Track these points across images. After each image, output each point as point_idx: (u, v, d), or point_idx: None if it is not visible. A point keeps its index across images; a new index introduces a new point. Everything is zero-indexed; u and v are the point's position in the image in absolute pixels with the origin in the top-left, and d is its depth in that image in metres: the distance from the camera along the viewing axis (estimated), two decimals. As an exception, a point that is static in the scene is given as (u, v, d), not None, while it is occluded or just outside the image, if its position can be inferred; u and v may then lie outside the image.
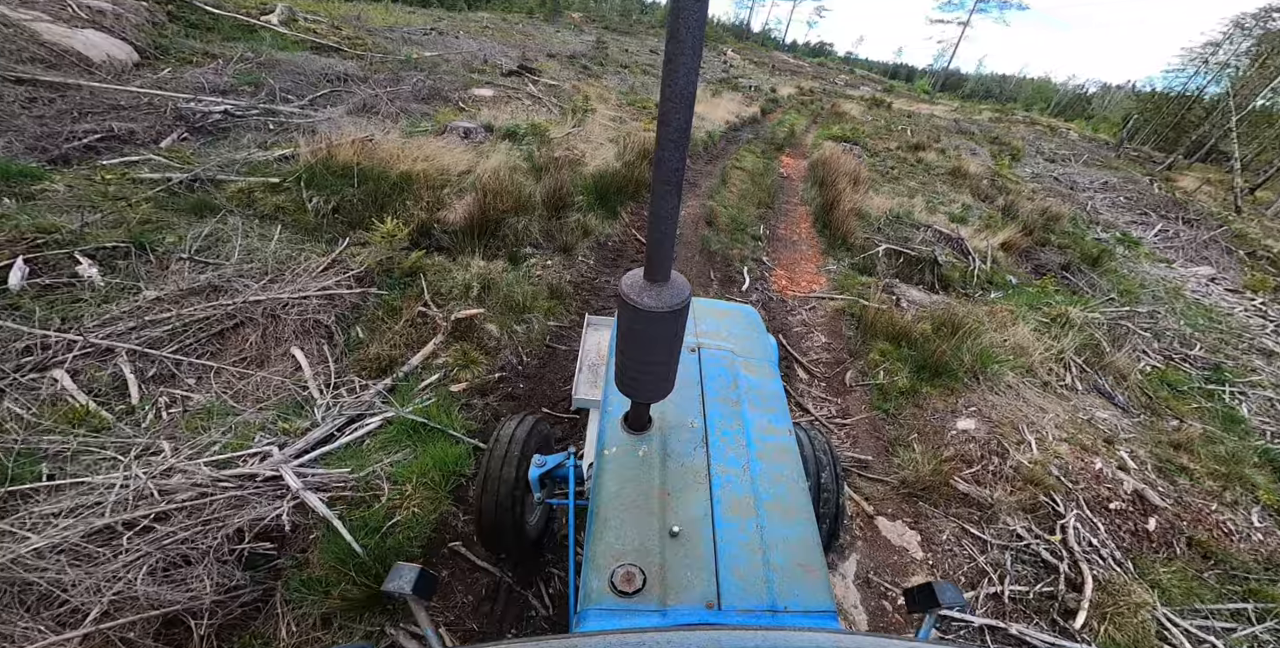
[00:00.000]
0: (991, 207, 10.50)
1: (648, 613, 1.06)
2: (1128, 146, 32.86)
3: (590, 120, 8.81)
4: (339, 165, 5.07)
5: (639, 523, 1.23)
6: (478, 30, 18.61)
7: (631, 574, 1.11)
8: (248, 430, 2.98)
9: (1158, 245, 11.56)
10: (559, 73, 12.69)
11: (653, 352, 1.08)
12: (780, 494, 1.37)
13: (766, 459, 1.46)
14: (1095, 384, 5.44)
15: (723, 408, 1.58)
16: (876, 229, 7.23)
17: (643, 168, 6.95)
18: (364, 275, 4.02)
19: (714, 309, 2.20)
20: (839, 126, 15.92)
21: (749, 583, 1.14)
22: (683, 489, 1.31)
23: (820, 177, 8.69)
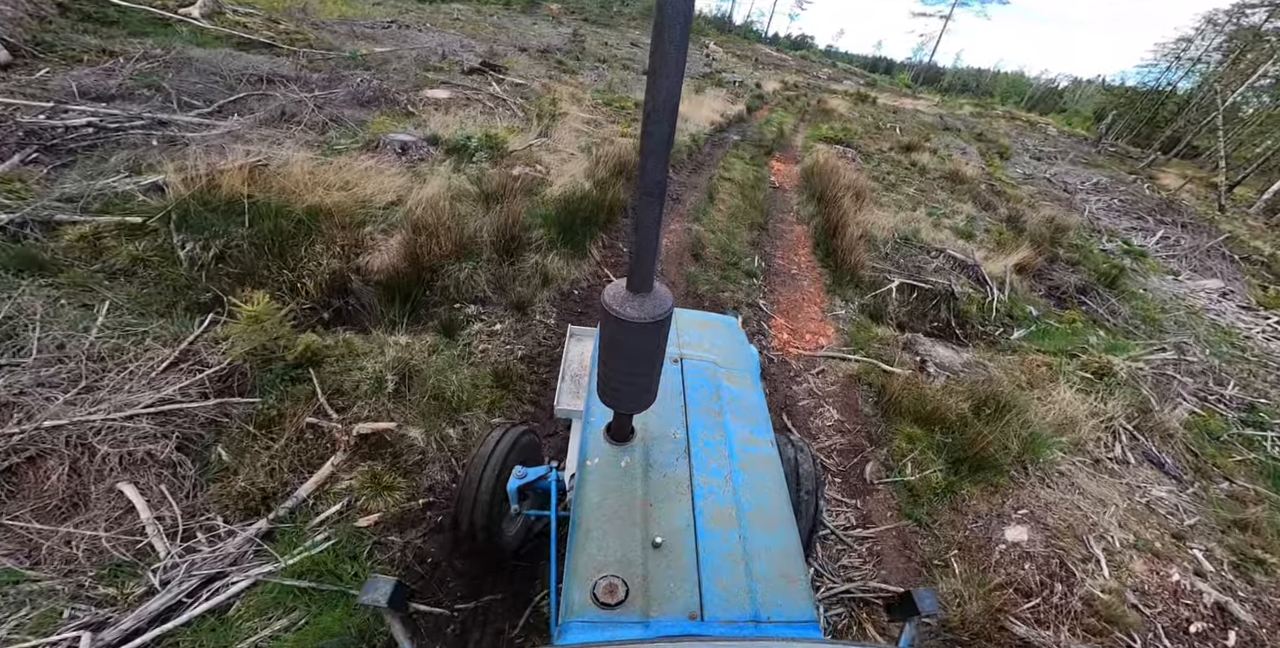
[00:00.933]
0: (995, 217, 9.58)
1: (630, 625, 1.03)
2: (1106, 142, 32.34)
3: (559, 126, 7.61)
4: (225, 198, 3.88)
5: (621, 534, 1.19)
6: (446, 23, 17.05)
7: (614, 586, 1.08)
8: (52, 607, 1.95)
9: (1160, 254, 10.79)
10: (529, 69, 11.37)
11: (635, 362, 1.04)
12: (762, 505, 1.33)
13: (748, 470, 1.42)
14: (1146, 452, 4.57)
15: (705, 419, 1.54)
16: (884, 255, 6.22)
17: (619, 188, 5.83)
18: (229, 373, 2.89)
19: (696, 320, 2.14)
20: (829, 126, 14.84)
21: (731, 594, 1.11)
22: (665, 500, 1.28)
23: (818, 190, 7.64)
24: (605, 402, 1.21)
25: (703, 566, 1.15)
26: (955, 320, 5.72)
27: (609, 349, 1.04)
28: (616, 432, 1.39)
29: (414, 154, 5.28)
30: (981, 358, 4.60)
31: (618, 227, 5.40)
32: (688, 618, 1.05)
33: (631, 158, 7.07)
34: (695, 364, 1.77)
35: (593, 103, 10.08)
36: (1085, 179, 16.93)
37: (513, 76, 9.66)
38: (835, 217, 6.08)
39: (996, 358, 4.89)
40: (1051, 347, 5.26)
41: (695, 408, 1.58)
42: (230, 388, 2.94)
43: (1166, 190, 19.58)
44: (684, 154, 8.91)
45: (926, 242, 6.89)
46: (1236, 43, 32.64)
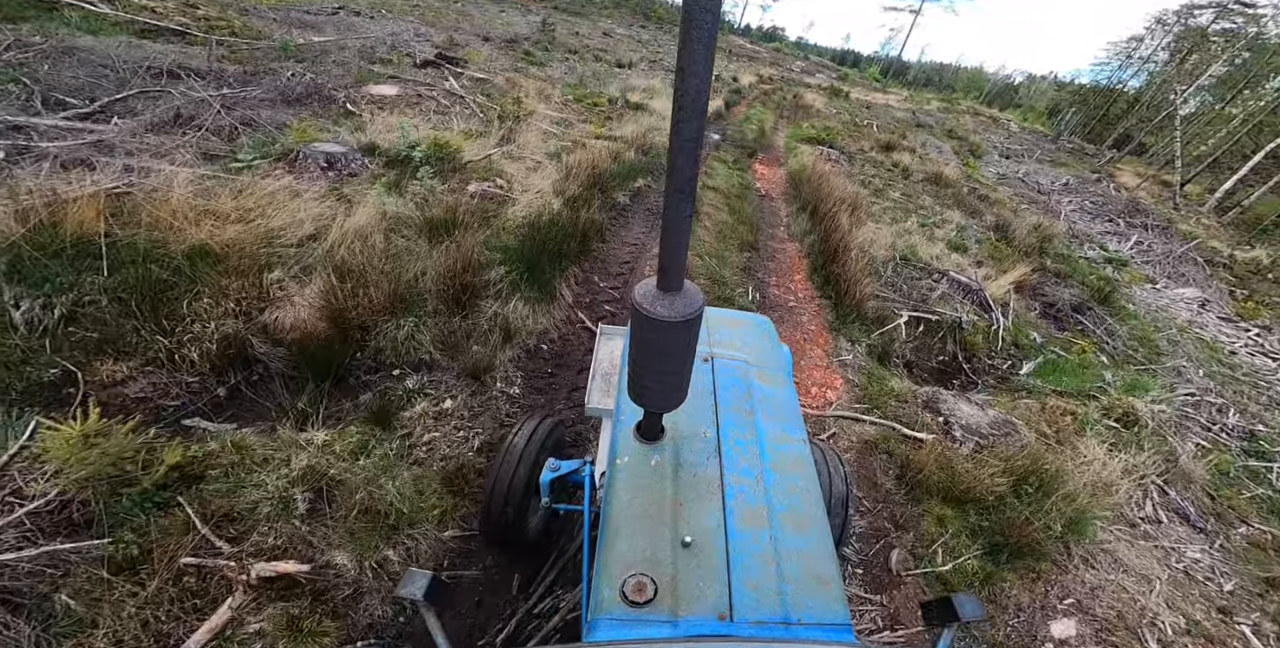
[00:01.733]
0: (983, 225, 9.09)
1: (659, 624, 0.99)
2: (1065, 139, 32.80)
3: (524, 128, 6.65)
4: (73, 237, 2.89)
5: (650, 533, 1.15)
6: (405, 10, 15.49)
7: (643, 584, 1.04)
8: None
9: (1135, 259, 10.58)
10: (492, 62, 10.21)
11: (665, 361, 1.02)
12: (794, 505, 1.28)
13: (780, 470, 1.37)
14: (1177, 509, 4.10)
15: (736, 418, 1.48)
16: (885, 280, 5.58)
17: (594, 206, 4.98)
18: (66, 503, 1.99)
19: (727, 319, 2.06)
20: (809, 124, 14.14)
21: (762, 594, 1.07)
22: (695, 499, 1.24)
23: (809, 201, 6.92)
24: (635, 400, 1.17)
25: (733, 566, 1.12)
26: (962, 354, 5.14)
27: (639, 348, 1.00)
28: (647, 430, 1.36)
29: (343, 169, 4.29)
30: (1005, 410, 4.00)
31: (593, 256, 4.57)
32: (717, 618, 1.01)
33: (607, 165, 6.19)
34: (726, 363, 1.71)
35: (562, 99, 9.07)
36: (1055, 179, 16.79)
37: (473, 70, 8.55)
38: (834, 239, 5.38)
39: (1016, 405, 4.32)
40: (1068, 386, 4.72)
41: (726, 407, 1.53)
42: (69, 521, 2.06)
43: (1126, 189, 19.74)
44: (663, 158, 8.05)
45: (926, 260, 6.28)
46: (1183, 43, 33.34)
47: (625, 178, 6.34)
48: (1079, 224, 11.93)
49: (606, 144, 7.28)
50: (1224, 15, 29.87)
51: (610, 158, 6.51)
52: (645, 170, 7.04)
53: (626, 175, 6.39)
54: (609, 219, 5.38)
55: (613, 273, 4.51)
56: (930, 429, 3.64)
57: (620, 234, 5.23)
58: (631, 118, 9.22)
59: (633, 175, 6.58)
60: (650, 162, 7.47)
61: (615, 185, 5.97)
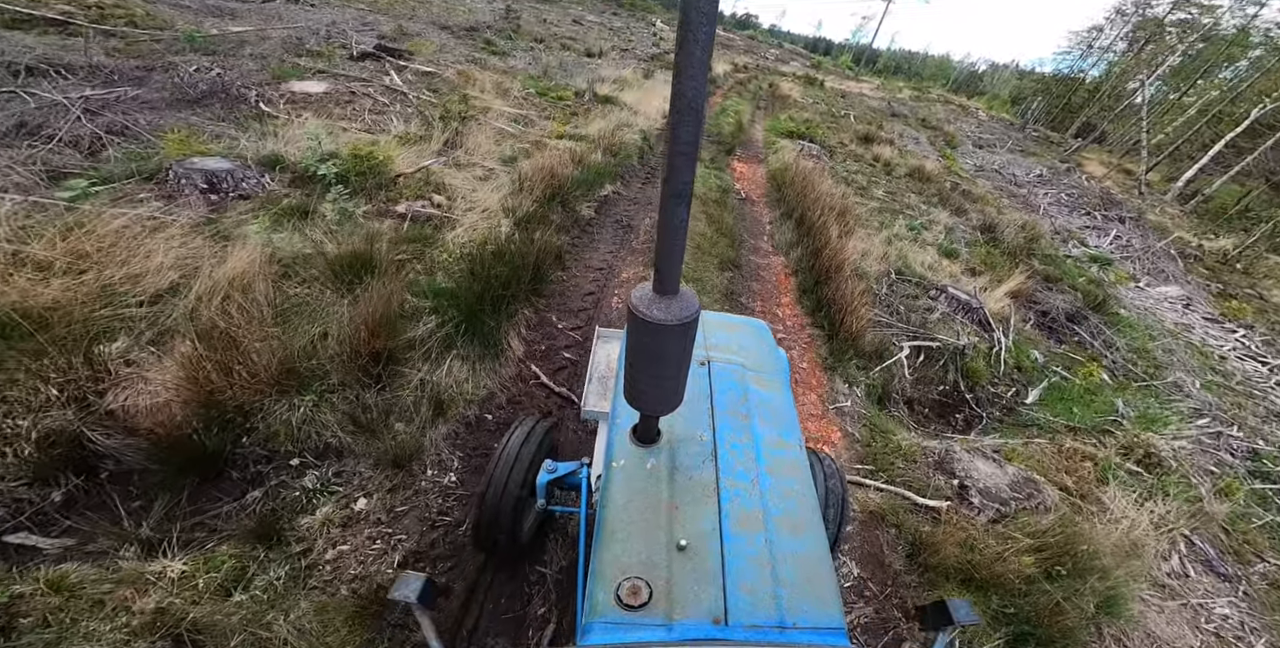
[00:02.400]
0: (970, 224, 8.59)
1: (653, 627, 0.97)
2: (1032, 128, 32.84)
3: (475, 129, 5.77)
4: None
5: (646, 536, 1.13)
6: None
7: (637, 587, 1.02)
8: None
9: (1116, 255, 10.27)
10: (447, 52, 9.15)
11: (662, 364, 0.99)
12: (790, 509, 1.26)
13: (776, 474, 1.34)
14: (1205, 561, 3.65)
15: (732, 421, 1.45)
16: (880, 298, 4.97)
17: (552, 229, 4.20)
18: None
19: (724, 323, 2.01)
20: (788, 116, 13.40)
21: (757, 598, 1.05)
22: (691, 503, 1.21)
23: (793, 207, 6.24)
24: (632, 403, 1.13)
25: (728, 569, 1.08)
26: (964, 382, 4.60)
27: (635, 351, 0.99)
28: (643, 433, 1.32)
29: (231, 190, 3.41)
30: (1021, 462, 3.45)
31: (551, 291, 3.81)
32: (711, 622, 0.98)
33: (569, 171, 5.39)
34: (723, 367, 1.65)
35: (523, 94, 8.13)
36: (1029, 170, 16.50)
37: (419, 63, 7.54)
38: (824, 256, 4.71)
39: (1030, 446, 3.78)
40: (1081, 420, 4.22)
41: (722, 410, 1.48)
42: None
43: (1094, 178, 19.67)
44: (634, 161, 7.25)
45: (920, 273, 5.70)
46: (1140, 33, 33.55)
47: (590, 185, 5.55)
48: (1058, 218, 11.59)
49: (570, 145, 6.44)
50: (1180, 6, 29.98)
51: (573, 162, 5.69)
52: (614, 174, 6.24)
53: (592, 182, 5.59)
54: (570, 239, 4.61)
55: (574, 309, 3.76)
56: (944, 495, 3.05)
57: (584, 256, 4.47)
58: (600, 113, 8.35)
59: (599, 181, 5.79)
60: (619, 164, 6.67)
61: (578, 195, 5.18)
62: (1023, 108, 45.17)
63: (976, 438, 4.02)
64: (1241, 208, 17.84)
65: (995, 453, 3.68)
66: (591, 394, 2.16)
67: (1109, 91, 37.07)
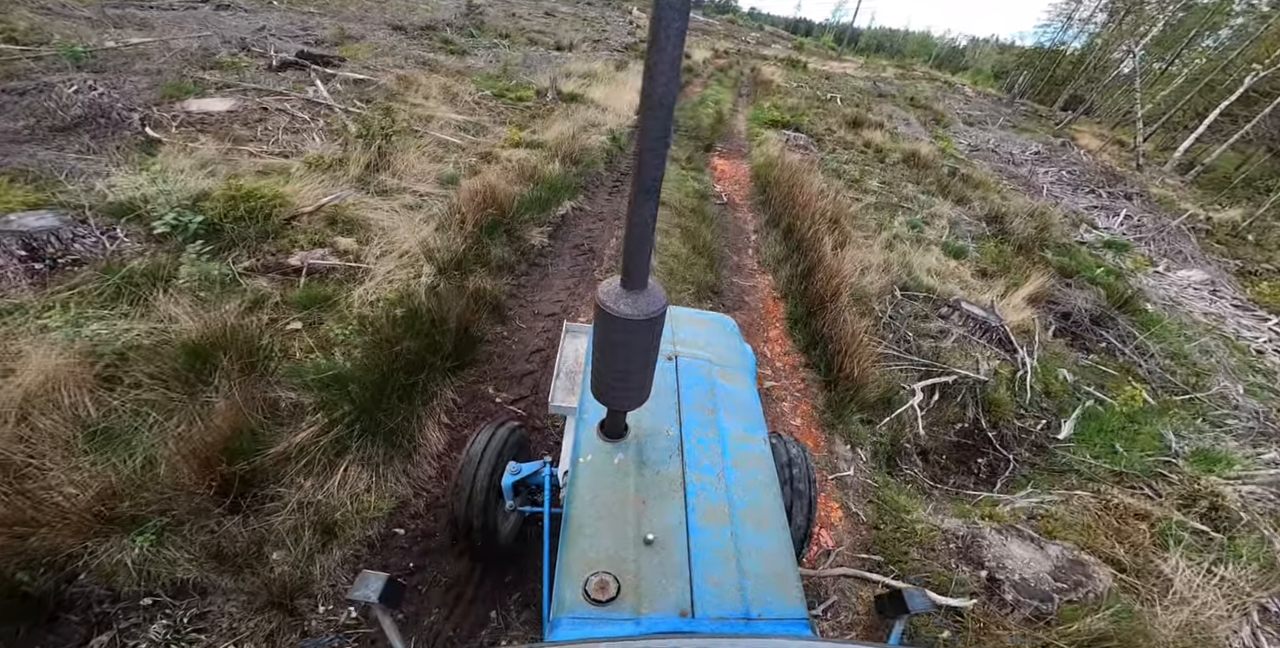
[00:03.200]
0: (974, 215, 7.74)
1: (621, 621, 0.97)
2: (1018, 102, 31.65)
3: (407, 145, 4.89)
4: None
5: (613, 531, 1.12)
6: None
7: (605, 582, 1.01)
8: None
9: (1128, 236, 9.45)
10: (388, 56, 8.15)
11: (629, 359, 0.97)
12: (754, 502, 1.26)
13: (741, 467, 1.33)
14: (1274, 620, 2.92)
15: (699, 416, 1.44)
16: (883, 322, 4.17)
17: (493, 262, 3.38)
18: None
19: (691, 318, 1.99)
20: (771, 103, 12.41)
21: (723, 591, 1.05)
22: (658, 497, 1.20)
23: (781, 211, 5.40)
24: (599, 398, 1.11)
25: (694, 563, 1.08)
26: (985, 417, 3.83)
27: (602, 346, 0.96)
28: (610, 428, 1.30)
29: (61, 256, 2.57)
30: (1065, 537, 2.69)
31: (486, 354, 2.99)
32: (679, 615, 0.99)
33: (516, 190, 4.55)
34: (690, 362, 1.63)
35: (476, 97, 7.20)
36: (1024, 147, 15.55)
37: (351, 69, 6.59)
38: (817, 281, 3.89)
39: (1070, 501, 3.03)
40: (1128, 464, 3.46)
41: (689, 405, 1.47)
42: None
43: (1090, 152, 18.72)
44: (601, 165, 6.37)
45: (927, 283, 4.89)
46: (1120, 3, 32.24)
47: (545, 204, 4.70)
48: (1063, 199, 10.72)
49: (525, 155, 5.57)
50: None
51: (525, 177, 4.83)
52: (574, 187, 5.38)
53: (547, 200, 4.74)
54: (515, 280, 3.78)
55: (516, 374, 2.96)
56: (969, 589, 2.31)
57: (532, 299, 3.65)
58: (563, 113, 7.44)
59: (556, 197, 4.94)
60: (583, 173, 5.80)
61: (528, 219, 4.34)
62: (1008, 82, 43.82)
63: (1005, 497, 3.27)
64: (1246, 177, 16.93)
65: (1030, 522, 2.92)
66: (559, 389, 2.10)
67: (1093, 63, 35.82)
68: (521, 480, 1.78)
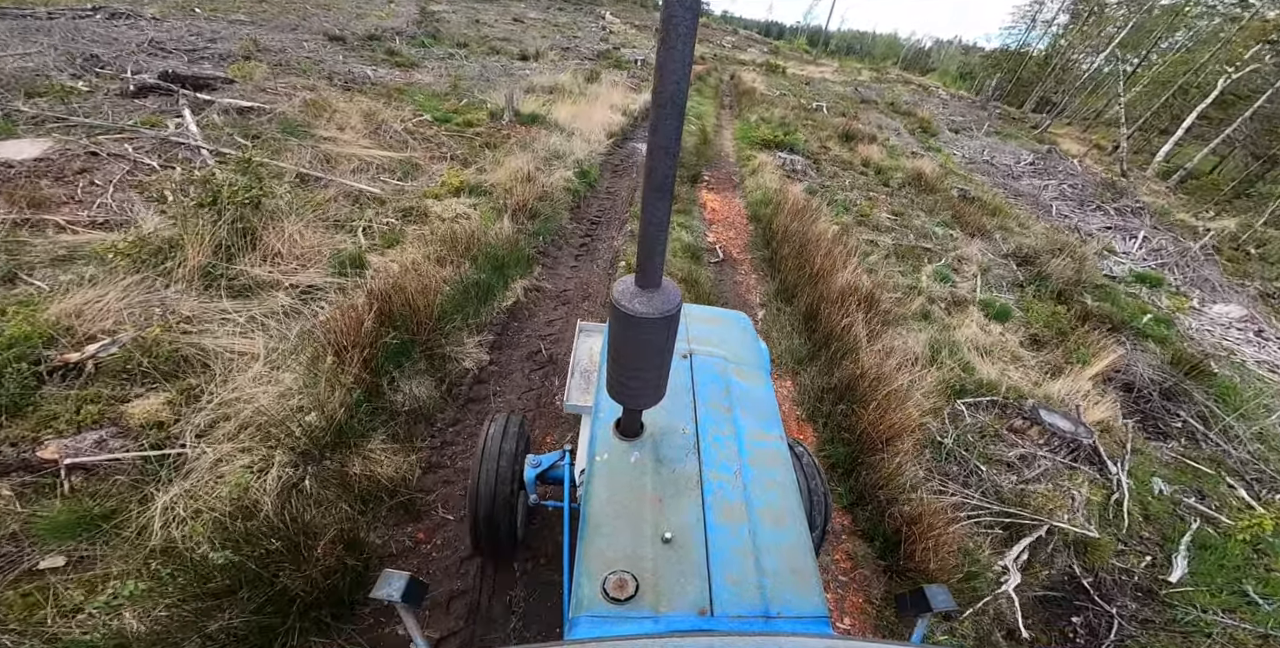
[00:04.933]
0: (1000, 253, 6.66)
1: (640, 620, 0.94)
2: (993, 104, 31.23)
3: (296, 208, 3.50)
4: None
5: (631, 529, 1.10)
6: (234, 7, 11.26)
7: (624, 581, 0.99)
8: None
9: (1147, 260, 8.54)
10: (296, 75, 6.65)
11: (644, 358, 0.96)
12: (772, 500, 1.22)
13: (758, 465, 1.30)
14: None
15: (715, 414, 1.41)
16: (944, 450, 2.98)
17: (413, 438, 2.05)
18: None
19: (706, 316, 1.94)
20: (759, 116, 11.20)
21: (742, 589, 1.02)
22: (675, 495, 1.17)
23: (793, 276, 4.14)
24: (614, 397, 1.10)
25: (712, 561, 1.06)
26: (1079, 564, 2.69)
27: (618, 345, 0.95)
28: (626, 427, 1.28)
29: None
30: None
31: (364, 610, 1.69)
32: (697, 614, 0.96)
33: (454, 274, 3.21)
34: (705, 359, 1.59)
35: (412, 122, 5.78)
36: (1016, 157, 14.72)
37: (239, 94, 5.10)
38: (864, 417, 2.64)
39: None
40: (1276, 623, 2.33)
41: (705, 403, 1.44)
42: None
43: (1074, 157, 18.09)
44: (565, 215, 5.04)
45: (989, 382, 3.72)
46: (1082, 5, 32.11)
47: (484, 292, 3.36)
48: (1072, 218, 9.80)
49: (465, 208, 4.22)
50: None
51: (459, 251, 3.49)
52: (527, 258, 4.03)
53: (488, 286, 3.41)
54: (436, 438, 2.44)
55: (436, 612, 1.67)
56: None
57: (463, 463, 2.32)
58: (521, 140, 6.08)
59: (503, 277, 3.61)
60: (542, 229, 4.45)
61: (459, 325, 3.01)
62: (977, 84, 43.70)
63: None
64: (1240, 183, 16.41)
65: None
66: (574, 388, 2.01)
67: (1059, 64, 35.75)
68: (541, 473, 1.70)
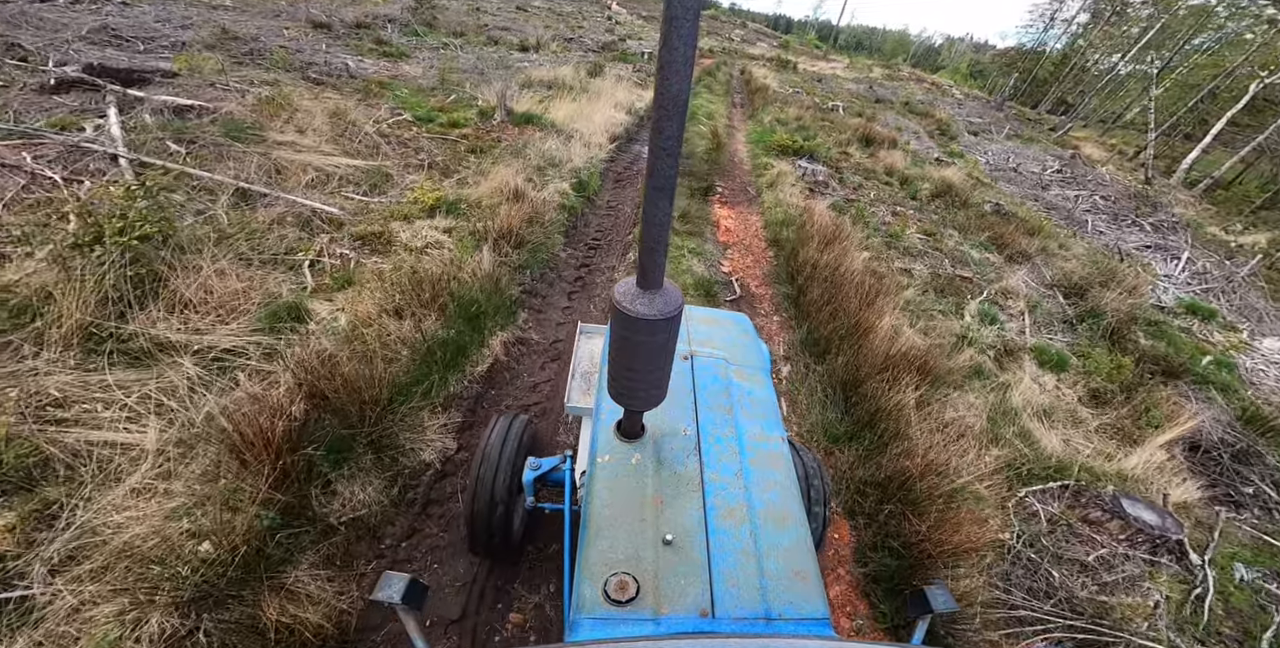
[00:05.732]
0: (1045, 283, 5.97)
1: (641, 622, 0.94)
2: (1009, 105, 30.20)
3: (233, 238, 2.80)
4: None
5: (632, 531, 1.09)
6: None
7: (625, 582, 0.99)
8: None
9: (1192, 285, 7.84)
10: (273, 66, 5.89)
11: (646, 359, 0.95)
12: (773, 501, 1.21)
13: (759, 466, 1.29)
14: None
15: (715, 415, 1.41)
16: (1011, 554, 2.32)
17: (349, 565, 1.38)
18: None
19: (707, 317, 1.95)
20: (773, 117, 10.41)
21: (743, 591, 1.02)
22: (676, 497, 1.17)
23: (831, 350, 3.45)
24: (616, 399, 1.08)
25: (713, 563, 1.05)
26: None
27: (619, 346, 0.94)
28: (627, 429, 1.27)
29: None
30: None
31: None
32: (699, 615, 0.96)
33: (416, 333, 2.53)
34: (706, 361, 1.59)
35: (389, 122, 5.05)
36: (1042, 163, 13.92)
37: (181, 90, 4.36)
38: (916, 524, 1.97)
39: None
40: None
41: (705, 404, 1.43)
42: None
43: (1096, 163, 17.26)
44: (558, 240, 4.34)
45: (1057, 463, 3.06)
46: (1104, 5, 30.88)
47: (455, 354, 2.68)
48: (1107, 234, 9.07)
49: (439, 234, 3.52)
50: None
51: (423, 300, 2.80)
52: (508, 304, 3.33)
53: (459, 346, 2.72)
54: (389, 551, 1.79)
55: None
56: None
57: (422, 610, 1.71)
58: (511, 146, 5.36)
59: (478, 331, 2.92)
60: (530, 261, 3.75)
61: (419, 404, 2.34)
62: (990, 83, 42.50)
63: None
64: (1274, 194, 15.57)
65: None
66: (575, 390, 1.97)
67: (1077, 65, 34.61)
68: (540, 476, 1.70)
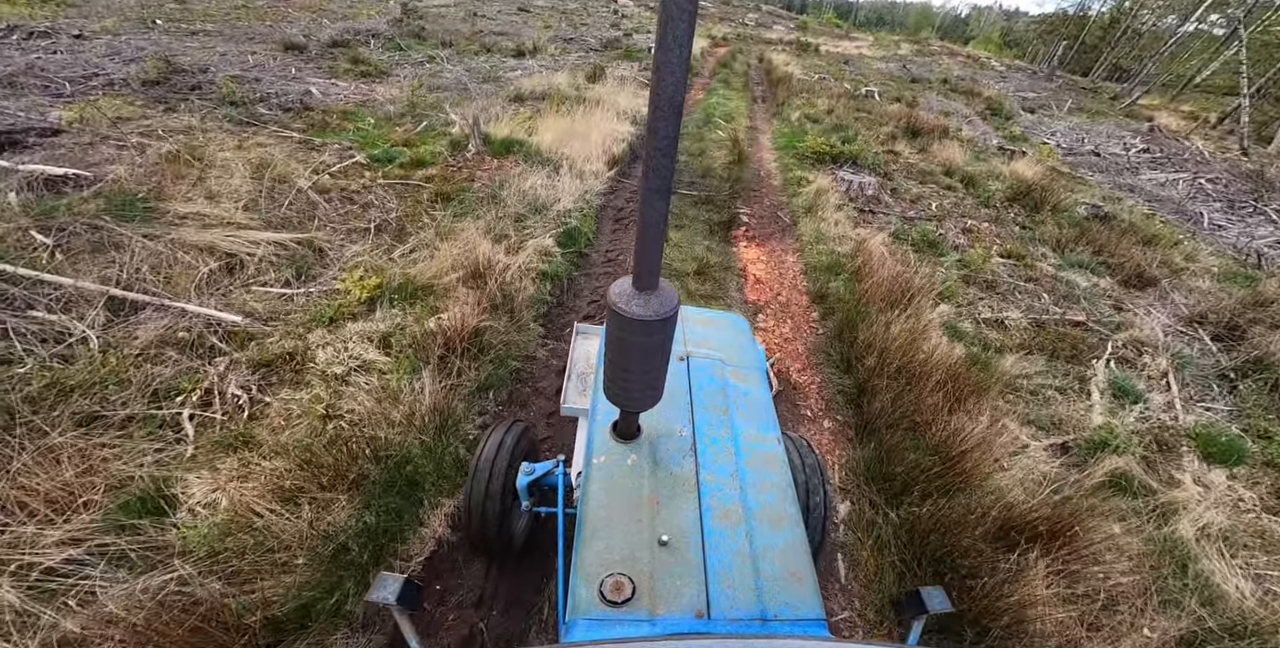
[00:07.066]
0: (1183, 319, 4.49)
1: (637, 622, 0.94)
2: (1058, 75, 27.19)
3: (52, 385, 1.86)
4: None
5: (628, 532, 1.09)
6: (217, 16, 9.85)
7: (620, 583, 0.98)
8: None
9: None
10: (202, 101, 5.00)
11: (641, 360, 0.95)
12: (769, 502, 1.21)
13: (755, 467, 1.29)
14: None
15: (711, 416, 1.41)
16: None
17: None
18: None
19: (703, 318, 1.92)
20: (802, 113, 8.98)
21: (738, 592, 1.02)
22: (671, 498, 1.17)
23: (901, 477, 2.25)
24: (611, 400, 1.08)
25: (709, 564, 1.05)
26: None
27: (615, 347, 0.94)
28: (623, 430, 1.27)
29: None
30: None
31: None
32: (694, 616, 0.96)
33: (319, 529, 1.48)
34: (701, 362, 1.58)
35: (336, 168, 4.07)
36: (1123, 143, 11.89)
37: (60, 153, 3.47)
38: None
39: None
40: None
41: (701, 405, 1.43)
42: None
43: (1169, 131, 14.89)
44: (533, 332, 3.26)
45: (1256, 624, 1.78)
46: None
47: (373, 549, 1.65)
48: (1228, 229, 7.32)
49: (374, 353, 2.50)
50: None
51: (337, 472, 1.77)
52: (452, 462, 2.28)
53: (387, 532, 1.69)
54: None
55: None
56: None
57: None
58: (484, 189, 4.29)
59: (409, 505, 1.88)
60: (490, 380, 2.67)
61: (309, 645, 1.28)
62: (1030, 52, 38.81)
63: None
64: None
65: None
66: (571, 391, 2.02)
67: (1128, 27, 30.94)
68: (535, 481, 1.71)
